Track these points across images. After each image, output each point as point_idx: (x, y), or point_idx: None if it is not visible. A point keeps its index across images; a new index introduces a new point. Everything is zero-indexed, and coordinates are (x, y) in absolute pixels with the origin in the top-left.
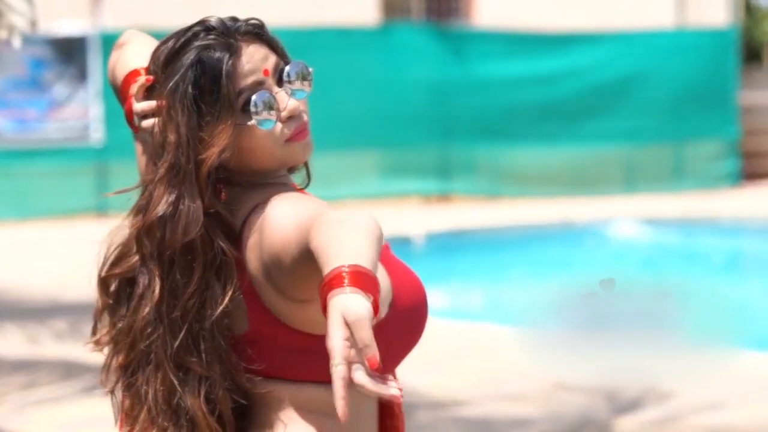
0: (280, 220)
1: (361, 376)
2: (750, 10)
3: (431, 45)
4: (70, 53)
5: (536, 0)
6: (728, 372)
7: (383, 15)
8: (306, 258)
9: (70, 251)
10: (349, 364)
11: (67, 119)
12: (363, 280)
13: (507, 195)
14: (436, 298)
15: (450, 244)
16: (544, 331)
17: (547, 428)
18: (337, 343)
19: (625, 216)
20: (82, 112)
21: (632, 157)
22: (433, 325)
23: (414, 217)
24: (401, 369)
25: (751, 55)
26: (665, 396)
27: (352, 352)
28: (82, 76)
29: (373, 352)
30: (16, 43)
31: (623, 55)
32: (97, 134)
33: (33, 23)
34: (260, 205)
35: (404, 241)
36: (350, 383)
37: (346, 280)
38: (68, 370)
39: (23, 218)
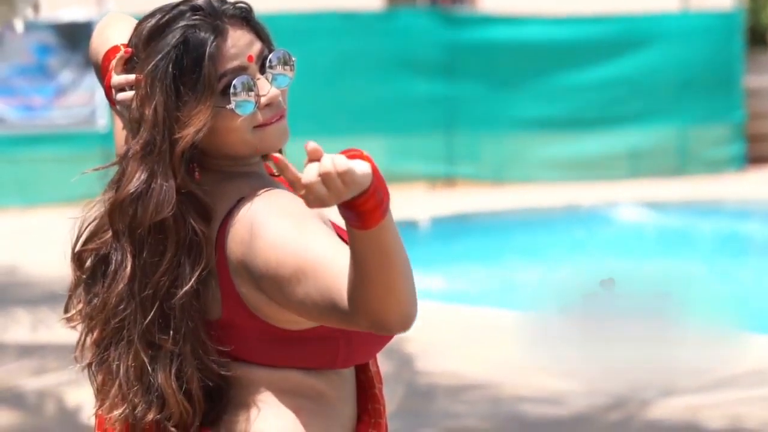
0: (278, 241)
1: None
2: None
3: (436, 29)
4: (75, 39)
5: None
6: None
7: None
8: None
9: None
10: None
11: (72, 105)
12: (378, 172)
13: (512, 180)
14: (441, 283)
15: (455, 229)
16: (551, 315)
17: (575, 408)
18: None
19: (630, 200)
20: (88, 98)
21: (637, 141)
22: (438, 310)
23: (419, 202)
24: (409, 354)
25: (756, 38)
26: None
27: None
28: (87, 62)
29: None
30: (19, 26)
31: (628, 39)
32: (102, 120)
33: (35, 6)
34: (245, 200)
35: (410, 226)
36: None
37: (367, 157)
38: None
39: (29, 205)
